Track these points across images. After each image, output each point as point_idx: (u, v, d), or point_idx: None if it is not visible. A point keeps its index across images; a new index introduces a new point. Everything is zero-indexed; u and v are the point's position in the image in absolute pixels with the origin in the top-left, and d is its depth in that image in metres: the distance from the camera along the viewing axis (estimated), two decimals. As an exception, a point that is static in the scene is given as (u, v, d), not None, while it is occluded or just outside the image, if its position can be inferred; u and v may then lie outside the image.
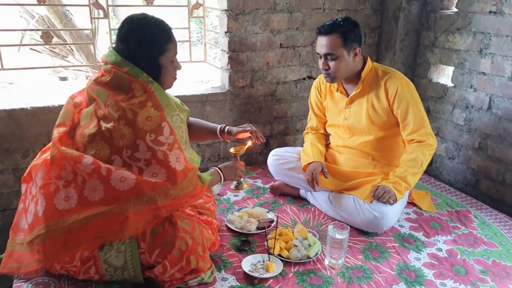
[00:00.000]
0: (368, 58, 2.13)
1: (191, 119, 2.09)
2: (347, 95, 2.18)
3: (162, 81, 1.68)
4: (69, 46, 4.70)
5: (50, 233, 1.49)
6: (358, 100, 2.16)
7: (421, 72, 2.97)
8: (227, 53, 2.66)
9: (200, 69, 3.30)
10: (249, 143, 2.01)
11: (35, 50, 5.71)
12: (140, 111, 1.55)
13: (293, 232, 1.98)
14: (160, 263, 1.55)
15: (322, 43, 2.01)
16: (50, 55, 5.78)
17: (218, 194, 2.43)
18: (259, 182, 2.61)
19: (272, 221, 2.08)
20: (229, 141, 2.07)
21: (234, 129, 2.00)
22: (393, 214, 2.03)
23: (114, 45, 1.67)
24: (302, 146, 2.45)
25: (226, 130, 2.01)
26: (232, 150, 2.00)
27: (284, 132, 3.00)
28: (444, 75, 2.89)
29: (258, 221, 2.10)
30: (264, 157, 2.75)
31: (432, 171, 2.95)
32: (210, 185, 1.81)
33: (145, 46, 1.60)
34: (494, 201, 2.51)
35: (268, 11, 2.66)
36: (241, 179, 2.02)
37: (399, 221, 2.17)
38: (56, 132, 1.62)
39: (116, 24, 8.83)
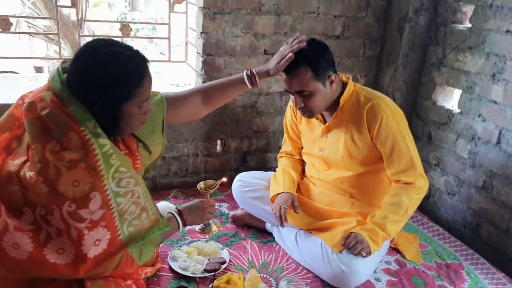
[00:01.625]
0: (350, 80, 1.79)
1: (204, 85, 1.73)
2: (324, 122, 1.85)
3: (122, 130, 1.33)
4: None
5: None
6: (335, 129, 1.82)
7: (425, 93, 2.61)
8: (202, 56, 2.34)
9: (180, 70, 3.00)
10: (224, 178, 1.72)
11: (32, 36, 5.50)
12: (67, 172, 1.18)
13: (244, 279, 1.67)
14: None
15: (290, 81, 1.67)
16: (45, 40, 5.55)
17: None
18: (224, 207, 2.30)
19: (223, 262, 1.77)
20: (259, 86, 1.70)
21: (270, 64, 1.64)
22: (365, 270, 1.70)
23: (65, 66, 1.27)
24: (275, 171, 2.13)
25: (255, 73, 1.65)
26: (200, 185, 1.69)
27: (265, 148, 2.67)
28: (451, 99, 2.53)
29: (208, 259, 1.79)
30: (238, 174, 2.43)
31: (428, 205, 2.60)
32: (163, 239, 1.50)
33: (105, 89, 1.22)
34: (495, 251, 2.16)
35: (252, 12, 2.33)
36: (210, 221, 1.70)
37: (376, 272, 1.83)
38: None
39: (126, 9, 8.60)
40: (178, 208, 1.57)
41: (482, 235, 2.25)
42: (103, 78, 1.21)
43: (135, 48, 1.29)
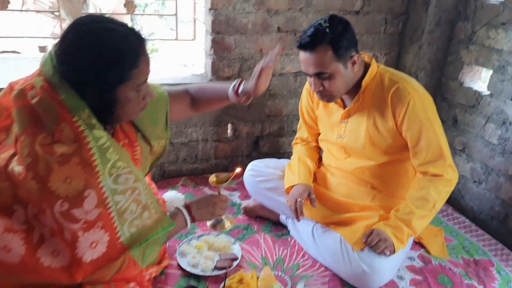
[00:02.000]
0: (373, 61, 1.62)
1: (194, 87, 1.57)
2: (344, 107, 1.69)
3: (119, 117, 1.19)
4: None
5: None
6: (356, 114, 1.66)
7: (451, 73, 2.42)
8: (211, 35, 2.17)
9: (189, 49, 2.83)
10: (238, 169, 1.57)
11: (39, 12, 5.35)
12: (58, 167, 1.06)
13: (257, 277, 1.56)
14: None
15: (308, 61, 1.51)
16: (51, 17, 5.40)
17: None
18: (235, 197, 2.17)
19: (235, 259, 1.66)
20: (248, 102, 1.49)
21: (251, 82, 1.43)
22: (388, 269, 1.57)
23: (55, 46, 1.14)
24: (289, 158, 1.99)
25: (241, 88, 1.47)
26: (212, 179, 1.53)
27: (278, 133, 2.53)
28: (479, 79, 2.34)
29: (219, 255, 1.68)
30: (252, 161, 2.29)
31: (452, 193, 2.42)
32: (169, 237, 1.38)
33: (96, 71, 1.08)
34: (525, 244, 2.01)
35: (265, -15, 2.15)
36: (222, 217, 1.57)
37: (399, 269, 1.70)
38: None
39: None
40: (186, 202, 1.44)
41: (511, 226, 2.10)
42: (93, 58, 1.07)
43: (130, 25, 1.15)
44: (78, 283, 1.15)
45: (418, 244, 1.86)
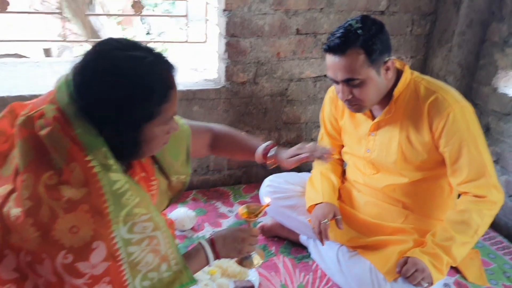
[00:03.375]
0: (406, 67, 1.45)
1: (221, 130, 1.43)
2: (373, 118, 1.52)
3: (140, 154, 1.05)
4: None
5: None
6: (387, 127, 1.50)
7: (484, 78, 2.23)
8: (225, 37, 2.02)
9: (199, 50, 2.67)
10: (267, 199, 1.36)
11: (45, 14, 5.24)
12: (64, 215, 0.90)
13: (278, 309, 1.40)
14: None
15: (336, 66, 1.33)
16: (59, 18, 5.28)
17: (192, 229, 1.85)
18: (251, 212, 2.01)
19: (251, 287, 1.50)
20: (272, 166, 1.38)
21: (285, 153, 1.32)
22: (425, 302, 1.40)
23: (72, 70, 0.97)
24: (309, 171, 1.82)
25: (272, 153, 1.34)
26: (242, 211, 1.32)
27: (296, 141, 2.36)
28: (516, 85, 2.16)
29: (235, 282, 1.52)
30: (267, 173, 2.14)
31: (483, 208, 2.26)
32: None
33: (121, 107, 0.93)
34: None
35: (283, -16, 1.99)
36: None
37: (434, 298, 1.53)
38: None
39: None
40: (212, 236, 1.23)
41: (552, 246, 1.92)
42: (117, 92, 0.92)
43: (157, 50, 0.99)
44: None
45: (453, 268, 1.68)
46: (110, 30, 4.78)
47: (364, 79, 1.34)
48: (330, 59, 1.36)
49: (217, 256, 1.20)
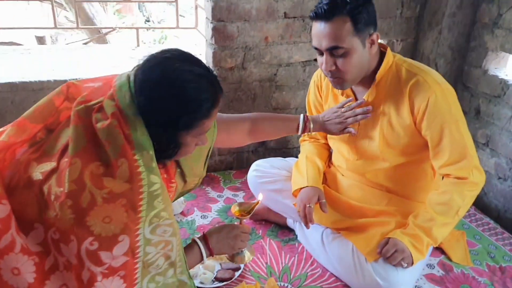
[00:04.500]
0: (388, 50, 1.44)
1: (256, 116, 1.54)
2: (356, 101, 1.52)
3: (167, 157, 1.13)
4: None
5: None
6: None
7: (474, 60, 2.22)
8: (211, 22, 2.01)
9: (190, 37, 2.67)
10: (260, 196, 1.41)
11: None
12: (102, 204, 0.96)
13: (261, 290, 1.43)
14: None
15: (322, 33, 1.32)
16: (55, 5, 5.26)
17: (181, 213, 1.88)
18: (240, 197, 2.03)
19: (237, 269, 1.53)
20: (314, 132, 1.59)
21: (324, 118, 1.54)
22: (405, 282, 1.42)
23: (135, 71, 1.05)
24: (297, 155, 1.84)
25: (311, 120, 1.53)
26: (235, 209, 1.38)
27: (286, 126, 2.37)
28: (506, 67, 2.14)
29: (220, 264, 1.55)
30: (258, 157, 2.15)
31: (473, 190, 2.27)
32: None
33: (173, 114, 1.01)
34: (556, 247, 1.84)
35: (269, -33, 1.97)
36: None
37: (418, 279, 1.55)
38: (6, 136, 1.05)
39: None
40: (205, 233, 1.29)
41: (540, 227, 1.93)
42: (174, 101, 1.01)
43: (214, 72, 1.08)
44: None
45: (438, 249, 1.70)
46: (105, 17, 4.76)
47: (349, 48, 1.32)
48: (316, 26, 1.34)
49: (210, 253, 1.26)
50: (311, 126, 1.51)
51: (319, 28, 1.32)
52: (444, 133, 1.39)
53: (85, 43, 3.92)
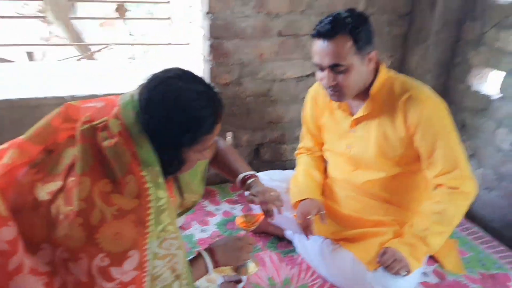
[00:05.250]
0: (382, 66, 1.52)
1: (221, 146, 1.54)
2: (352, 114, 1.59)
3: (174, 173, 1.17)
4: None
5: None
6: (366, 122, 1.57)
7: (459, 75, 2.33)
8: (209, 39, 2.07)
9: (183, 54, 2.72)
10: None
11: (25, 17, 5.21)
12: (112, 221, 0.97)
13: (265, 301, 1.46)
14: None
15: (324, 51, 1.39)
16: (42, 21, 5.26)
17: (181, 227, 1.90)
18: (237, 210, 2.07)
19: (239, 281, 1.55)
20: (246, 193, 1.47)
21: (254, 189, 1.41)
22: (405, 289, 1.47)
23: (140, 90, 1.07)
24: (291, 166, 1.88)
25: (248, 183, 1.45)
26: (240, 221, 1.41)
27: (280, 140, 2.42)
28: (486, 82, 2.25)
29: (223, 277, 1.57)
30: (253, 170, 2.19)
31: (461, 200, 2.35)
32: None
33: (177, 130, 1.05)
34: (541, 254, 1.93)
35: (264, -13, 2.04)
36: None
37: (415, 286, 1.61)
38: (9, 158, 1.05)
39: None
40: (210, 246, 1.31)
41: (526, 235, 2.02)
42: (178, 118, 1.04)
43: (215, 89, 1.11)
44: None
45: (431, 258, 1.76)
46: (91, 32, 4.78)
47: (349, 65, 1.39)
48: (318, 44, 1.40)
49: (216, 265, 1.28)
50: (250, 181, 1.45)
51: (321, 46, 1.39)
52: (437, 144, 1.46)
53: (78, 60, 3.93)
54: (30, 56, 4.05)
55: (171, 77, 1.06)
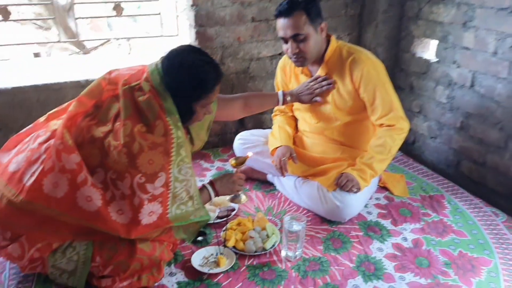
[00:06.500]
0: (332, 37, 1.97)
1: (248, 94, 2.12)
2: (311, 76, 2.04)
3: (188, 123, 1.59)
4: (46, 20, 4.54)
5: (19, 207, 1.43)
6: None
7: (405, 46, 2.80)
8: (194, 28, 2.50)
9: (173, 44, 3.14)
10: (250, 153, 1.92)
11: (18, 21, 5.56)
12: (148, 151, 1.41)
13: (253, 221, 1.90)
14: (110, 277, 1.50)
15: (286, 25, 1.83)
16: (35, 27, 5.62)
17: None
18: (228, 166, 2.52)
19: (233, 210, 2.00)
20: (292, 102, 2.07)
21: (297, 91, 2.03)
22: (356, 203, 1.94)
23: (162, 60, 1.51)
24: (271, 128, 2.33)
25: (288, 97, 2.03)
26: (232, 162, 1.87)
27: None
28: (428, 50, 2.72)
29: (219, 208, 2.02)
30: (238, 137, 2.64)
31: (413, 150, 2.83)
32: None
33: (188, 88, 1.48)
34: (475, 184, 2.39)
35: (238, -18, 2.49)
36: (239, 192, 1.87)
37: (368, 207, 2.07)
38: (73, 107, 1.49)
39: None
40: (211, 179, 1.77)
41: (464, 171, 2.48)
42: (190, 79, 1.46)
43: (216, 61, 1.55)
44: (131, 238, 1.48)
45: (383, 188, 2.23)
46: (84, 33, 5.16)
47: (307, 34, 1.82)
48: (280, 21, 1.84)
49: (216, 194, 1.74)
50: (289, 98, 2.01)
51: (282, 22, 1.83)
52: (376, 94, 1.92)
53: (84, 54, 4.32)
54: (36, 56, 4.43)
55: (185, 50, 1.53)
